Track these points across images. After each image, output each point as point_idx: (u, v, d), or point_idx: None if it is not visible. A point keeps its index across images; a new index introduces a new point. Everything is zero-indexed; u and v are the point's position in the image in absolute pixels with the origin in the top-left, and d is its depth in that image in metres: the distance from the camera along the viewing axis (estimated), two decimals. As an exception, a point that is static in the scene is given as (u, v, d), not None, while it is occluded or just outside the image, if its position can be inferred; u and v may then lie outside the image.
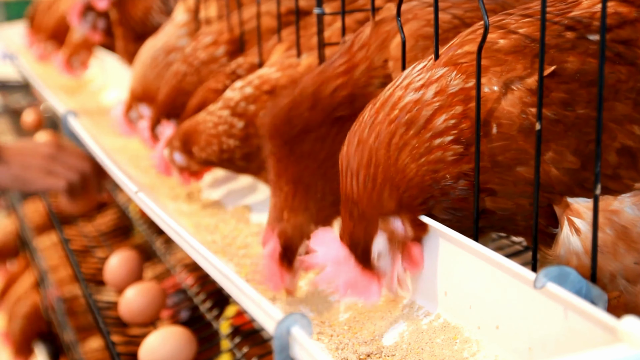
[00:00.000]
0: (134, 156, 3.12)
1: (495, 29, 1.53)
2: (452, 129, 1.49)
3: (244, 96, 2.23)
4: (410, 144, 1.51)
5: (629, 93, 1.44)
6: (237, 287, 1.48)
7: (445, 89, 1.52)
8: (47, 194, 4.30)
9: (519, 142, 1.45)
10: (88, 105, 4.14)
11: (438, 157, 1.50)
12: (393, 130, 1.52)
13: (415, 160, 1.50)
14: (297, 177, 1.89)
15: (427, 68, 1.57)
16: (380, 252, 1.55)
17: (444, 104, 1.51)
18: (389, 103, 1.55)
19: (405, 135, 1.51)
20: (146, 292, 2.75)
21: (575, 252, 1.45)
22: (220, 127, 2.27)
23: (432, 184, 1.52)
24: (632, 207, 1.44)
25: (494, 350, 1.45)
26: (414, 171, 1.51)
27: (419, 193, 1.52)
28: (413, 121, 1.51)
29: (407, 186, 1.52)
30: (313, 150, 1.88)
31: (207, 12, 2.97)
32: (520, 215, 1.54)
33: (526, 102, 1.44)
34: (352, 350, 1.59)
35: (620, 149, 1.44)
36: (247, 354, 2.42)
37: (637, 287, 1.46)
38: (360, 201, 1.53)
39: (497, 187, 1.51)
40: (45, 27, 5.08)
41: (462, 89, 1.51)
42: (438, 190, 1.53)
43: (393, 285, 1.59)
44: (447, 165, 1.51)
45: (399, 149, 1.51)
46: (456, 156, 1.50)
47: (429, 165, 1.50)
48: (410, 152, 1.51)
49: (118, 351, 2.63)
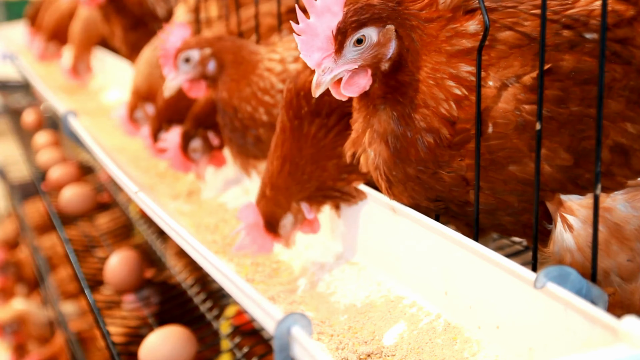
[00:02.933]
0: (134, 156, 3.12)
1: (496, 25, 1.54)
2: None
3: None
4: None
5: (622, 91, 1.44)
6: (237, 287, 1.48)
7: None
8: (48, 194, 4.31)
9: (512, 140, 1.46)
10: (88, 105, 4.14)
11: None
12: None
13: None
14: (291, 154, 1.90)
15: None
16: (362, 39, 1.51)
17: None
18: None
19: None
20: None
21: (569, 249, 1.46)
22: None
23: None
24: (625, 205, 1.45)
25: (494, 350, 1.45)
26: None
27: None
28: None
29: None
30: (316, 136, 1.88)
31: (207, 13, 2.97)
32: (503, 211, 1.55)
33: (520, 99, 1.45)
34: (352, 350, 1.59)
35: (613, 147, 1.44)
36: (247, 354, 2.42)
37: (631, 285, 1.46)
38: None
39: (485, 185, 1.51)
40: (46, 27, 5.07)
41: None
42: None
43: (325, 77, 1.53)
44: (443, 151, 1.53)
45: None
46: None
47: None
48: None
49: (118, 351, 2.63)
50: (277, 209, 1.92)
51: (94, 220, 4.09)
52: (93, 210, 4.11)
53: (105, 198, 4.34)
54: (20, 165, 5.74)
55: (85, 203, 4.04)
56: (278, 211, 1.92)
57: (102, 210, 4.22)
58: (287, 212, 1.92)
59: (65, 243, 3.38)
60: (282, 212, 1.92)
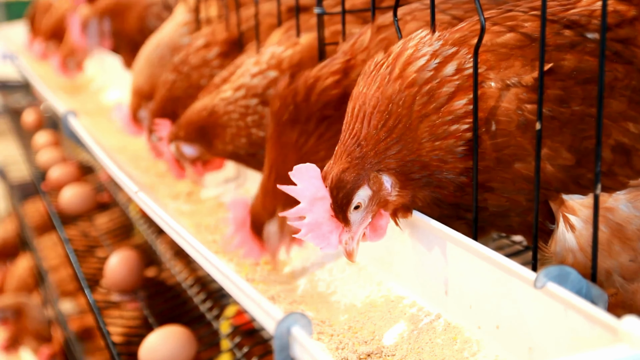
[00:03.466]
0: (134, 156, 3.12)
1: (496, 24, 1.54)
2: (469, 116, 1.48)
3: (270, 81, 2.16)
4: (431, 119, 1.49)
5: (624, 90, 1.44)
6: (237, 286, 1.48)
7: (462, 68, 1.50)
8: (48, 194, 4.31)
9: (517, 139, 1.46)
10: (88, 105, 4.14)
11: (450, 146, 1.49)
12: (414, 94, 1.49)
13: (431, 140, 1.49)
14: (277, 162, 1.93)
15: (431, 39, 1.55)
16: (360, 204, 1.53)
17: (464, 84, 1.49)
18: (401, 59, 1.52)
19: (428, 106, 1.49)
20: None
21: (571, 249, 1.46)
22: (249, 119, 2.20)
23: (436, 171, 1.51)
24: (627, 205, 1.44)
25: (494, 350, 1.45)
26: (427, 149, 1.49)
27: (421, 171, 1.52)
28: (434, 95, 1.49)
29: (415, 158, 1.50)
30: (297, 142, 1.90)
31: (207, 12, 2.96)
32: (513, 212, 1.55)
33: (522, 99, 1.45)
34: (352, 350, 1.58)
35: (615, 146, 1.44)
36: (247, 354, 2.42)
37: (633, 285, 1.46)
38: (366, 144, 1.51)
39: (497, 185, 1.51)
40: (45, 27, 5.07)
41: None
42: (437, 180, 1.53)
43: (352, 244, 1.57)
44: (456, 160, 1.50)
45: (419, 117, 1.49)
46: (465, 147, 1.50)
47: (440, 152, 1.49)
48: (430, 129, 1.49)
49: (118, 351, 2.63)
50: (263, 211, 1.98)
51: (93, 220, 4.09)
52: (93, 210, 4.11)
53: (105, 198, 4.34)
54: (20, 165, 5.74)
55: (85, 203, 4.04)
56: (263, 214, 1.97)
57: (102, 210, 4.22)
58: (273, 218, 1.96)
59: (65, 243, 3.38)
60: (267, 216, 1.97)
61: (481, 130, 1.47)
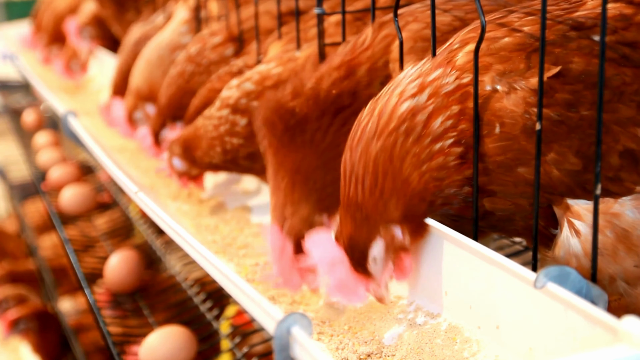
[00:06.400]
0: (134, 156, 3.12)
1: (498, 27, 1.53)
2: (450, 131, 1.49)
3: (244, 92, 2.22)
4: (411, 151, 1.51)
5: (634, 96, 1.43)
6: (237, 287, 1.48)
7: (438, 90, 1.51)
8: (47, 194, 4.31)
9: (521, 142, 1.45)
10: (88, 105, 4.14)
11: (440, 163, 1.50)
12: (393, 140, 1.52)
13: (417, 168, 1.51)
14: (295, 167, 1.88)
15: (420, 71, 1.57)
16: (376, 257, 1.56)
17: (439, 105, 1.50)
18: (386, 112, 1.54)
19: (405, 143, 1.51)
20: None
21: (575, 254, 1.45)
22: (222, 128, 2.27)
23: (435, 192, 1.52)
24: (633, 211, 1.44)
25: (494, 350, 1.45)
26: (416, 180, 1.51)
27: (421, 202, 1.53)
28: (411, 128, 1.51)
29: (411, 195, 1.52)
30: (313, 140, 1.88)
31: (207, 11, 2.96)
32: (519, 216, 1.54)
33: (529, 102, 1.44)
34: (352, 350, 1.58)
35: (622, 152, 1.43)
36: (247, 354, 2.42)
37: (637, 290, 1.46)
38: (365, 206, 1.54)
39: (498, 188, 1.50)
40: (45, 28, 5.07)
41: (458, 86, 1.51)
42: (441, 199, 1.53)
43: (380, 291, 1.61)
44: (451, 172, 1.50)
45: (401, 158, 1.51)
46: (458, 160, 1.50)
47: (431, 173, 1.50)
48: (412, 161, 1.51)
49: (118, 351, 2.63)
50: (301, 224, 1.86)
51: (93, 220, 4.09)
52: (93, 210, 4.11)
53: (105, 198, 4.34)
54: (20, 165, 5.73)
55: (85, 203, 4.04)
56: (303, 226, 1.86)
57: (102, 210, 4.21)
58: (312, 227, 1.85)
59: (65, 243, 3.38)
60: (306, 226, 1.86)
61: (482, 133, 1.47)
